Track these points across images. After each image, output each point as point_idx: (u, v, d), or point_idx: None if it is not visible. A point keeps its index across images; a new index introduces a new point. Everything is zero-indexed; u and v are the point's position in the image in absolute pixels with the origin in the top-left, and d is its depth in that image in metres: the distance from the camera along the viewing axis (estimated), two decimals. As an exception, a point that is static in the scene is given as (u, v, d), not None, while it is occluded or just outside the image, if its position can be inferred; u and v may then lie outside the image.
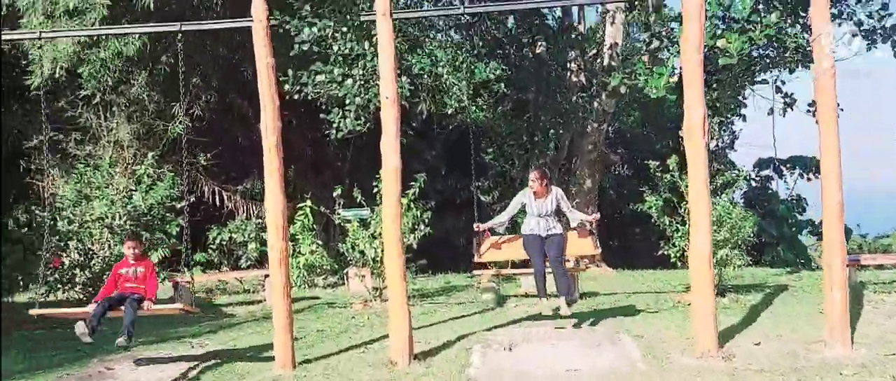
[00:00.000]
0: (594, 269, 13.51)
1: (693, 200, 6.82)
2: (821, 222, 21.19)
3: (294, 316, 7.19)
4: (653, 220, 10.52)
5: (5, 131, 14.44)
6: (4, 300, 10.94)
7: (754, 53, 10.96)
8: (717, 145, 17.85)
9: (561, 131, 13.43)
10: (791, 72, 11.95)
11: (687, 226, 9.99)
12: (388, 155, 6.91)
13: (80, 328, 7.01)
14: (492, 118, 14.42)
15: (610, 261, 14.52)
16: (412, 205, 10.83)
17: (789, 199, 20.99)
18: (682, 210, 10.23)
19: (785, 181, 20.88)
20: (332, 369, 6.96)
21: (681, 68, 7.72)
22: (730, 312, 8.88)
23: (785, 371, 6.25)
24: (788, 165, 21.51)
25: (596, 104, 13.39)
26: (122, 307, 7.23)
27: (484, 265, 15.10)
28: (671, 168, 10.45)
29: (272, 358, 7.18)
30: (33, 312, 7.54)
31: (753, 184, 21.31)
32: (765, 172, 21.60)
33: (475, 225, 8.40)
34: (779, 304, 9.46)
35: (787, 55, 10.63)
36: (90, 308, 7.25)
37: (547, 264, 7.88)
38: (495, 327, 8.68)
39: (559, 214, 8.20)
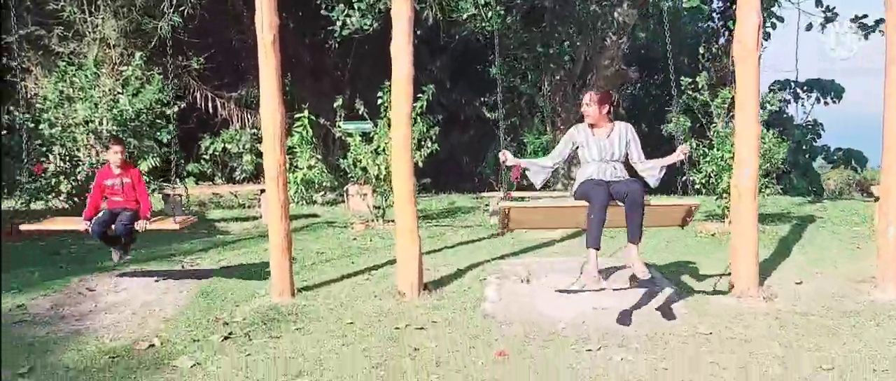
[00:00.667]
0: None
1: (741, 124, 6.07)
2: (836, 150, 20.35)
3: (292, 236, 6.53)
4: (675, 142, 9.78)
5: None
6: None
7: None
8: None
9: (578, 43, 12.50)
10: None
11: (716, 151, 9.33)
12: (399, 61, 6.10)
13: (116, 255, 6.78)
14: (503, 27, 13.48)
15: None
16: (419, 119, 10.05)
17: (805, 124, 20.26)
18: (711, 133, 9.51)
19: (803, 105, 20.07)
20: (335, 298, 6.35)
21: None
22: (760, 244, 8.29)
23: (835, 315, 5.65)
24: (805, 89, 20.70)
25: (616, 14, 12.45)
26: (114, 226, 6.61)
27: (491, 186, 14.56)
28: (701, 87, 9.68)
29: (268, 281, 6.56)
30: (24, 227, 6.89)
31: (769, 107, 20.55)
32: (781, 95, 20.80)
33: (501, 153, 5.64)
34: (809, 237, 8.87)
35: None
36: (83, 226, 6.59)
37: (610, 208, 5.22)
38: (508, 254, 8.09)
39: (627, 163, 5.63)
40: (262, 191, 11.18)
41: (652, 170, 5.58)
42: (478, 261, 7.68)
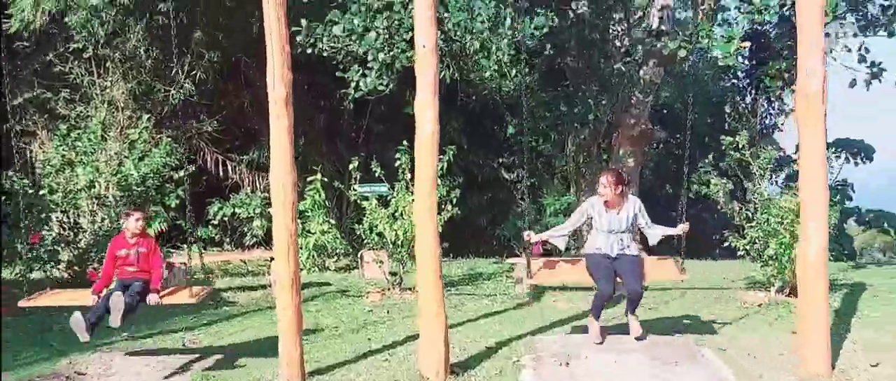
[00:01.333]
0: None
1: (808, 193, 5.42)
2: (867, 211, 19.56)
3: (303, 308, 5.86)
4: (712, 205, 9.15)
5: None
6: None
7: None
8: (763, 125, 16.39)
9: (603, 102, 11.97)
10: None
11: (761, 215, 8.66)
12: (424, 117, 5.53)
13: (78, 322, 5.77)
14: (522, 88, 13.02)
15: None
16: (440, 182, 9.44)
17: (835, 185, 19.56)
18: (754, 195, 8.85)
19: (831, 166, 19.37)
20: (350, 383, 5.65)
21: (747, 30, 6.28)
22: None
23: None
24: (833, 150, 20.08)
25: (642, 73, 11.95)
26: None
27: (515, 253, 13.89)
28: (740, 146, 9.05)
29: (277, 362, 5.87)
30: (22, 303, 6.26)
31: (796, 168, 19.94)
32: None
33: (525, 234, 6.50)
34: (866, 307, 8.10)
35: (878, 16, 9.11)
36: (91, 300, 6.06)
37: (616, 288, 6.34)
38: (540, 329, 7.37)
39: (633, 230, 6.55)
40: (273, 258, 10.57)
41: (655, 236, 6.47)
42: (507, 337, 6.98)
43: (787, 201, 8.60)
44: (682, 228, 6.42)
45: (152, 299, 6.08)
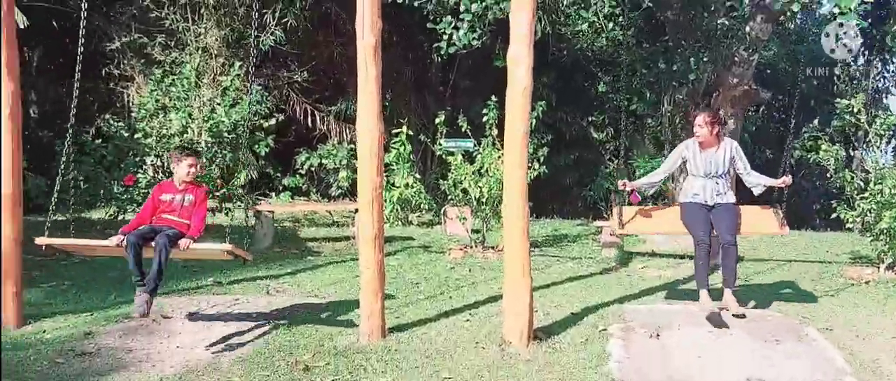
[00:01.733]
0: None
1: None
2: None
3: (386, 262, 5.73)
4: (812, 173, 8.54)
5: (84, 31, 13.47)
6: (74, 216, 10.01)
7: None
8: (875, 89, 15.25)
9: (705, 60, 11.27)
10: None
11: (874, 185, 8.02)
12: (517, 71, 5.24)
13: (140, 306, 5.26)
14: (621, 42, 12.44)
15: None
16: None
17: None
18: (869, 164, 8.20)
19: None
20: (430, 343, 5.52)
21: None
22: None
23: None
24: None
25: (748, 28, 11.19)
26: (153, 243, 5.37)
27: (602, 216, 13.48)
28: (856, 110, 8.38)
29: (358, 315, 5.80)
30: (40, 241, 5.50)
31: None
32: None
33: (620, 182, 6.38)
34: None
35: None
36: (113, 241, 5.39)
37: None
38: (627, 297, 7.05)
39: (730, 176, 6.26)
40: (357, 210, 10.56)
41: (757, 186, 6.20)
42: (593, 304, 6.70)
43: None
44: (783, 180, 6.11)
45: (184, 242, 5.40)
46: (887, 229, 7.89)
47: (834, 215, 8.52)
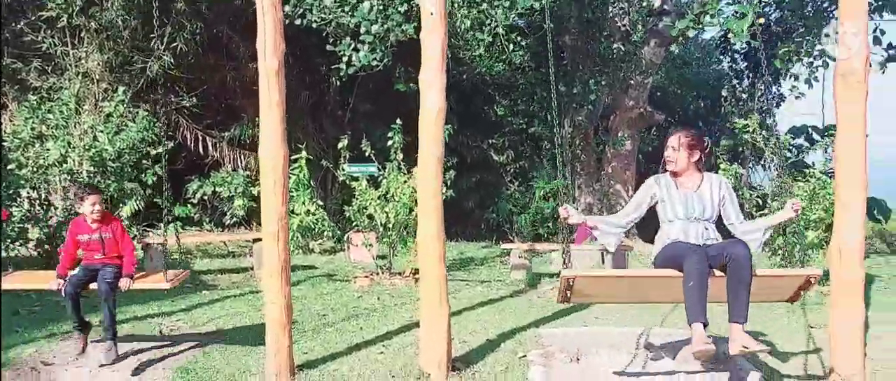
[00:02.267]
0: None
1: (845, 175, 4.98)
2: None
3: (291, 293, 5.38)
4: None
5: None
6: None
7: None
8: (761, 108, 16.00)
9: (603, 83, 11.50)
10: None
11: (771, 201, 8.31)
12: (431, 91, 5.08)
13: (79, 344, 5.68)
14: (518, 66, 12.51)
15: (646, 237, 12.80)
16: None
17: (825, 173, 19.31)
18: (771, 180, 8.49)
19: (826, 152, 19.13)
20: (344, 379, 5.19)
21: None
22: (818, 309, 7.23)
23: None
24: (825, 134, 19.82)
25: (643, 53, 11.50)
26: (94, 284, 5.52)
27: (508, 238, 13.45)
28: (752, 129, 8.66)
29: (262, 353, 5.43)
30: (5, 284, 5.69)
31: (786, 154, 19.67)
32: (797, 141, 19.90)
33: (562, 210, 4.42)
34: (880, 302, 7.78)
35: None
36: (55, 285, 5.52)
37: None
38: (543, 320, 6.96)
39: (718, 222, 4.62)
40: (255, 240, 10.07)
41: (755, 233, 4.56)
42: (508, 329, 6.56)
43: (800, 189, 8.27)
44: (791, 205, 4.49)
45: (125, 283, 5.51)
46: (784, 245, 8.15)
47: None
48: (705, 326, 4.06)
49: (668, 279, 4.24)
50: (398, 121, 9.26)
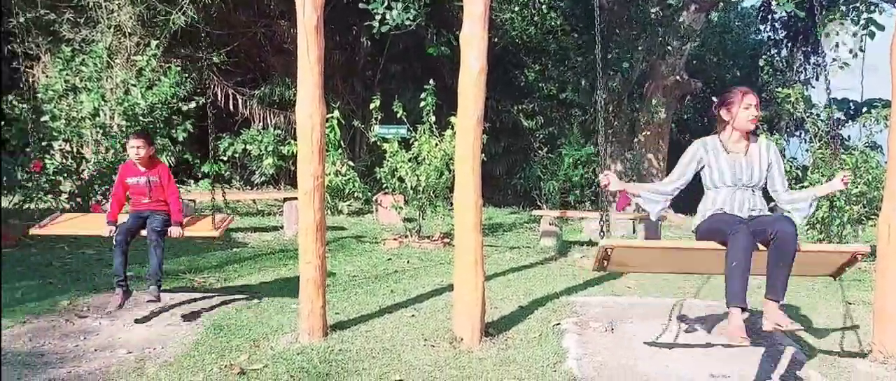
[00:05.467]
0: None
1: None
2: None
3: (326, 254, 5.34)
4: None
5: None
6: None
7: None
8: (802, 77, 15.65)
9: (639, 48, 11.24)
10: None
11: (812, 174, 8.11)
12: (471, 50, 4.93)
13: (116, 300, 5.56)
14: (549, 33, 12.28)
15: (680, 209, 12.60)
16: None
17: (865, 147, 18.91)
18: (810, 153, 8.30)
19: (865, 126, 18.69)
20: (376, 341, 5.16)
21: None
22: (857, 285, 7.11)
23: None
24: (865, 110, 19.35)
25: (681, 18, 11.21)
26: (144, 232, 5.68)
27: (537, 205, 13.35)
28: (795, 99, 8.45)
29: (294, 311, 5.43)
30: (34, 231, 5.84)
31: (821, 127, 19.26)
32: (837, 116, 19.44)
33: (603, 176, 4.26)
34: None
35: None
36: (107, 231, 5.65)
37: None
38: (574, 288, 6.87)
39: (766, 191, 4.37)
40: (285, 199, 10.07)
41: (801, 203, 4.34)
42: (540, 296, 6.49)
43: (843, 162, 8.07)
44: (841, 177, 4.30)
45: (175, 231, 5.67)
46: (823, 218, 7.98)
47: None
48: (744, 311, 3.89)
49: (709, 252, 4.11)
50: (432, 82, 9.13)
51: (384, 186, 9.68)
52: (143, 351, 4.95)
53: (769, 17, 14.27)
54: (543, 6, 11.00)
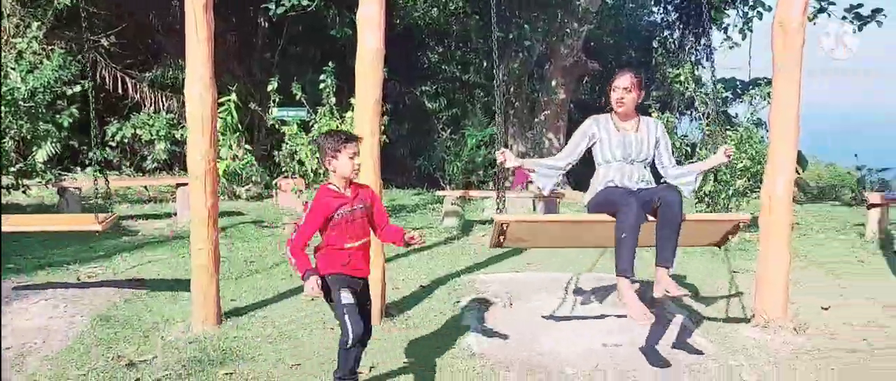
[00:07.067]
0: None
1: (779, 124, 5.05)
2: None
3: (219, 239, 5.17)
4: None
5: None
6: None
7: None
8: (693, 58, 16.24)
9: (538, 29, 11.39)
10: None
11: (700, 150, 8.43)
12: (367, 34, 4.85)
13: None
14: (452, 14, 12.29)
15: (577, 186, 12.91)
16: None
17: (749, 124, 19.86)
18: (699, 134, 8.63)
19: (750, 103, 19.61)
20: (272, 325, 5.05)
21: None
22: (743, 255, 7.48)
23: (891, 356, 4.68)
24: (751, 88, 20.32)
25: (579, 1, 11.41)
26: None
27: (440, 186, 13.37)
28: (684, 79, 8.75)
29: (187, 300, 5.25)
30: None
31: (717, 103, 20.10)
32: (726, 94, 20.35)
33: (499, 153, 4.22)
34: (803, 248, 8.04)
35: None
36: (312, 290, 3.48)
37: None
38: (476, 266, 6.94)
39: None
40: (178, 185, 9.72)
41: (686, 176, 4.52)
42: (441, 275, 6.53)
43: (729, 138, 8.42)
44: (723, 151, 4.45)
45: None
46: (711, 192, 8.32)
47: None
48: (633, 282, 4.06)
49: (601, 224, 4.21)
50: (331, 63, 8.99)
51: (283, 169, 9.47)
52: (22, 346, 4.67)
53: (662, -1, 14.79)
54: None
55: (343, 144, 3.54)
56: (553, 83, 11.70)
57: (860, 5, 10.43)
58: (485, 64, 12.91)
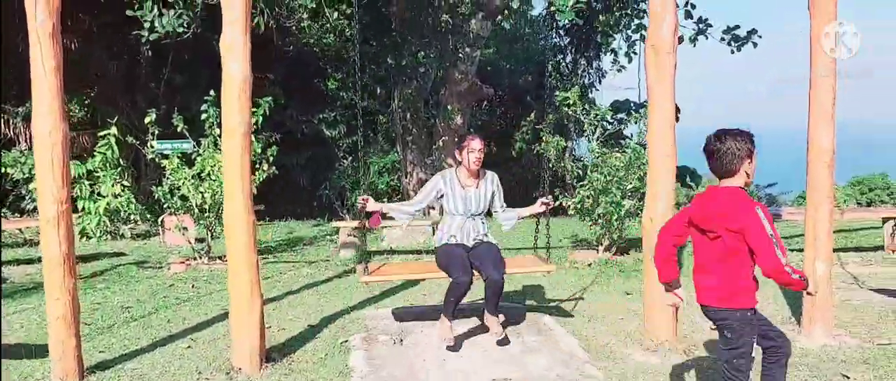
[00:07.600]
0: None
1: (657, 150, 5.09)
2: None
3: (89, 284, 4.77)
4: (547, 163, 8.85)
5: None
6: None
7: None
8: (584, 83, 16.57)
9: (432, 55, 11.31)
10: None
11: (593, 174, 8.49)
12: (232, 61, 4.55)
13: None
14: (343, 41, 12.07)
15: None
16: (253, 138, 8.44)
17: (640, 144, 20.46)
18: (585, 153, 8.68)
19: (639, 124, 20.23)
20: (142, 378, 4.66)
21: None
22: (636, 276, 7.52)
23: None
24: (641, 109, 20.96)
25: (470, 25, 11.42)
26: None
27: (339, 216, 13.06)
28: (571, 102, 8.81)
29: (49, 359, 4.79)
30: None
31: (605, 126, 20.61)
32: (619, 115, 20.93)
33: (361, 198, 5.15)
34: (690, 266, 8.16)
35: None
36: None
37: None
38: (369, 301, 6.71)
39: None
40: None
41: (510, 219, 5.48)
42: (332, 312, 6.26)
43: (617, 159, 8.51)
44: (542, 203, 5.36)
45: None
46: (603, 213, 8.37)
47: (557, 202, 8.91)
48: (452, 319, 5.03)
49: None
50: (212, 92, 8.61)
51: (165, 206, 8.99)
52: None
53: (554, 24, 15.01)
54: (334, 12, 10.76)
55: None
56: (449, 108, 11.65)
57: (737, 27, 10.84)
58: (379, 90, 12.74)
